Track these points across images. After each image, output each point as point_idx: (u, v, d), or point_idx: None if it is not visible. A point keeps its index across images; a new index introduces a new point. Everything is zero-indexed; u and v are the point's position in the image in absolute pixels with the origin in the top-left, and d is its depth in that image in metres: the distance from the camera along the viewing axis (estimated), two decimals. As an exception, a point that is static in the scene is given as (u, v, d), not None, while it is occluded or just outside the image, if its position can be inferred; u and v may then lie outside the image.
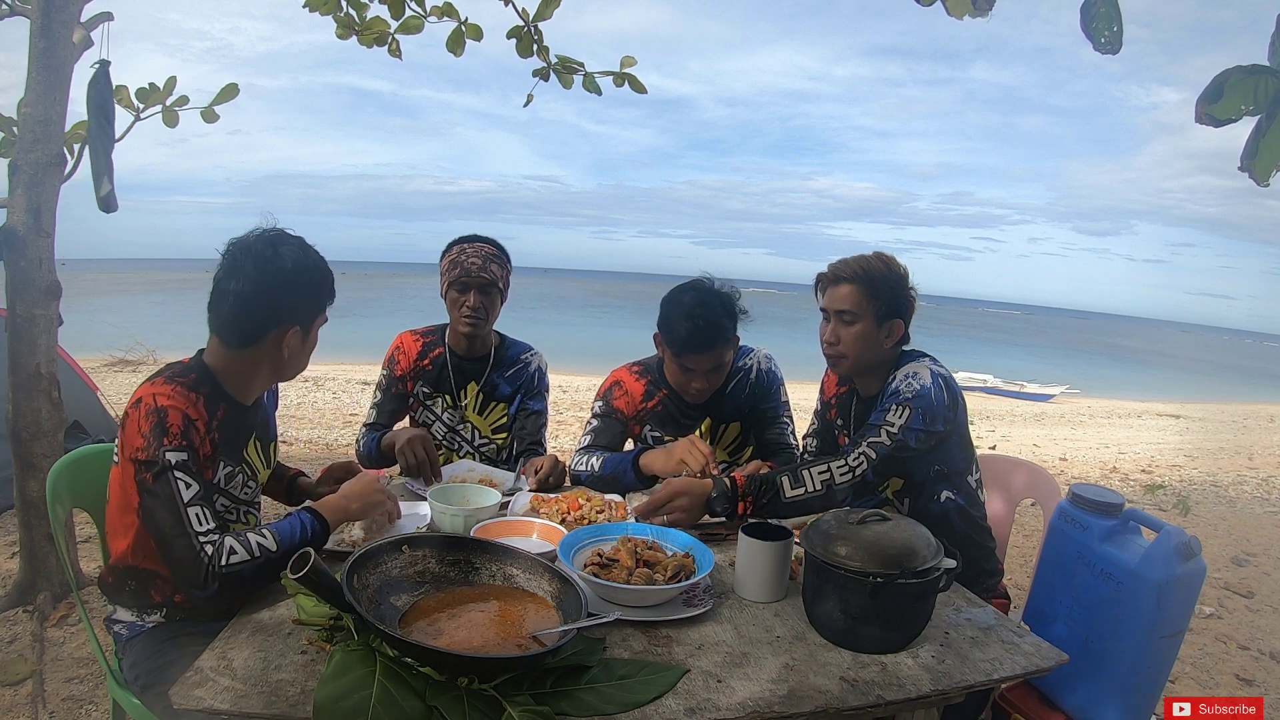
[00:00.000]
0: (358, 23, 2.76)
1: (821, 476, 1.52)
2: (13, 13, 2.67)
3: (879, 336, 1.67)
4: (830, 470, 1.52)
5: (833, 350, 1.71)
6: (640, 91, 2.86)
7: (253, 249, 1.35)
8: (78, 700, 2.10)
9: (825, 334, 1.72)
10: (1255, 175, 1.13)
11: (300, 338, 1.42)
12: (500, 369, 2.20)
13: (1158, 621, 1.40)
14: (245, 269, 1.34)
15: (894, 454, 1.54)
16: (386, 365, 2.20)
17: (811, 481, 1.52)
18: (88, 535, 3.06)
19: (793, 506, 1.53)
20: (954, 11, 1.48)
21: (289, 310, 1.38)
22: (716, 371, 1.86)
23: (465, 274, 2.04)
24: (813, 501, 1.52)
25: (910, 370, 1.61)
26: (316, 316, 1.45)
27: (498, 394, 2.19)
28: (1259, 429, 10.84)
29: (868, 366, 1.71)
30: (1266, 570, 3.76)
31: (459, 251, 2.08)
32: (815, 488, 1.52)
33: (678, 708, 0.98)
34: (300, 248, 1.40)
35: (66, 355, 3.52)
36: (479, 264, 2.05)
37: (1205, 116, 1.12)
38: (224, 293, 1.34)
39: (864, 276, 1.65)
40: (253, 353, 1.39)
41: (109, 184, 2.73)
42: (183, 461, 1.25)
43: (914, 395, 1.56)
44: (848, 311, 1.66)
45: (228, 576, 1.19)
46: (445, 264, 2.10)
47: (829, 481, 1.52)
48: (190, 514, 1.22)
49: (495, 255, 2.10)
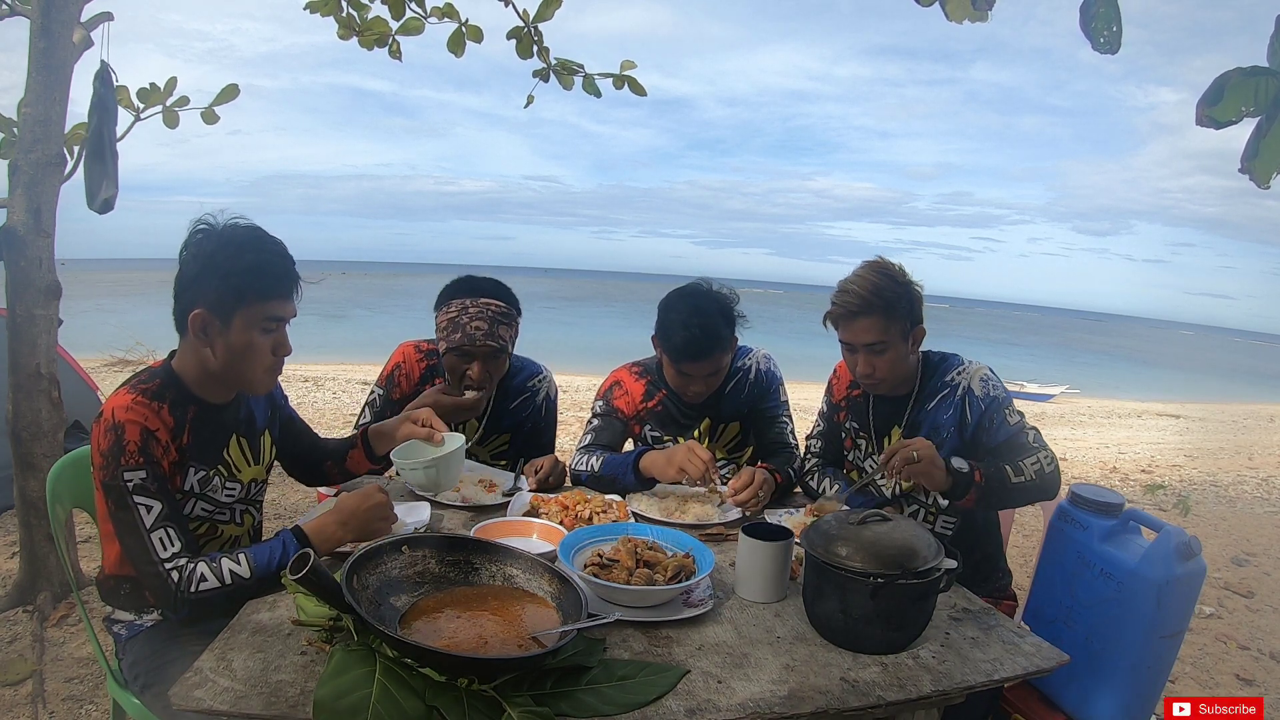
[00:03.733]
0: (358, 24, 2.77)
1: (1033, 469, 1.58)
2: (13, 13, 2.67)
3: (908, 350, 1.70)
4: (1040, 463, 1.59)
5: (870, 379, 1.72)
6: (640, 94, 2.86)
7: (191, 230, 1.31)
8: (78, 700, 2.10)
9: (858, 366, 1.71)
10: (1256, 177, 1.13)
11: (216, 326, 1.29)
12: (505, 401, 2.03)
13: (1158, 621, 1.40)
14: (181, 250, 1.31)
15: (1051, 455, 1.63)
16: (383, 384, 1.99)
17: (1029, 469, 1.57)
18: (88, 535, 3.06)
19: (1016, 491, 1.57)
20: (953, 15, 1.48)
21: (196, 290, 1.28)
22: (714, 376, 1.86)
23: (468, 341, 1.77)
24: (1028, 489, 1.57)
25: (971, 373, 1.71)
26: (233, 305, 1.28)
27: (500, 427, 2.06)
28: (1259, 429, 10.83)
29: (901, 379, 1.75)
30: (1266, 570, 3.76)
31: (459, 309, 1.79)
32: (1030, 475, 1.57)
33: (678, 708, 0.98)
34: (235, 231, 1.30)
35: (66, 355, 3.51)
36: (484, 329, 1.77)
37: (1206, 118, 1.12)
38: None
39: (881, 304, 1.62)
40: (190, 344, 1.32)
41: (113, 187, 2.72)
42: (141, 481, 1.22)
43: (1006, 394, 1.71)
44: (877, 343, 1.65)
45: (198, 603, 1.19)
46: (443, 320, 1.81)
47: (1040, 471, 1.58)
48: (154, 540, 1.21)
49: (502, 315, 1.82)
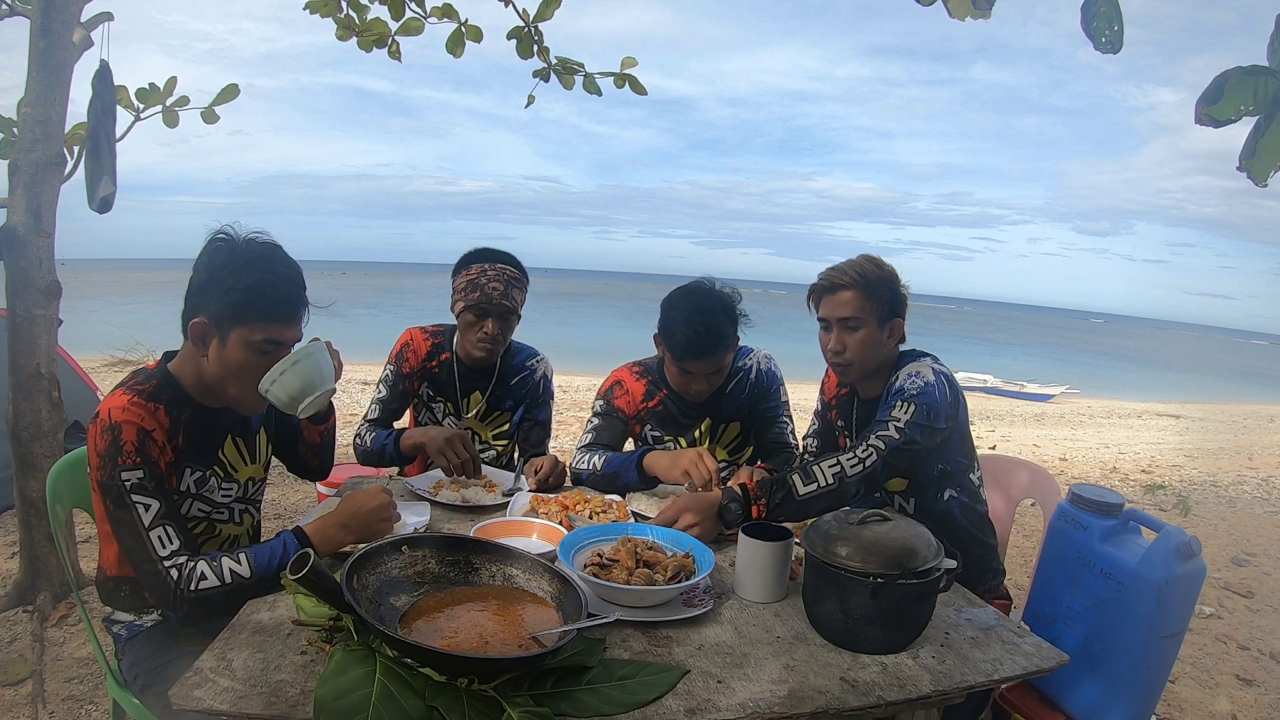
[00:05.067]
0: (358, 24, 2.77)
1: (832, 470, 1.49)
2: (13, 13, 2.67)
3: (883, 338, 1.67)
4: (840, 464, 1.49)
5: (839, 359, 1.70)
6: (640, 93, 2.87)
7: (210, 236, 1.34)
8: (78, 700, 2.10)
9: (829, 343, 1.70)
10: (1254, 175, 1.13)
11: (214, 339, 1.31)
12: (506, 378, 2.15)
13: (1158, 621, 1.40)
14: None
15: (902, 447, 1.51)
16: (394, 361, 2.11)
17: (823, 476, 1.49)
18: (88, 535, 3.06)
19: (807, 504, 1.49)
20: (955, 12, 1.48)
21: (200, 299, 1.31)
22: (716, 374, 1.87)
23: (486, 299, 1.92)
24: (826, 497, 1.48)
25: (912, 370, 1.60)
26: (232, 321, 1.30)
27: (502, 404, 2.17)
28: (1259, 429, 10.83)
29: (873, 370, 1.71)
30: (1266, 570, 3.76)
31: (479, 272, 1.95)
32: (828, 482, 1.48)
33: (678, 708, 0.98)
34: (249, 247, 1.33)
35: (66, 355, 3.52)
36: (500, 290, 1.93)
37: (1205, 117, 1.12)
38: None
39: (862, 281, 1.64)
40: (188, 347, 1.35)
41: (111, 185, 2.73)
42: (139, 480, 1.23)
43: (918, 392, 1.55)
44: (851, 318, 1.65)
45: (197, 602, 1.19)
46: (461, 282, 1.96)
47: (840, 474, 1.48)
48: (152, 537, 1.22)
49: (516, 279, 1.99)
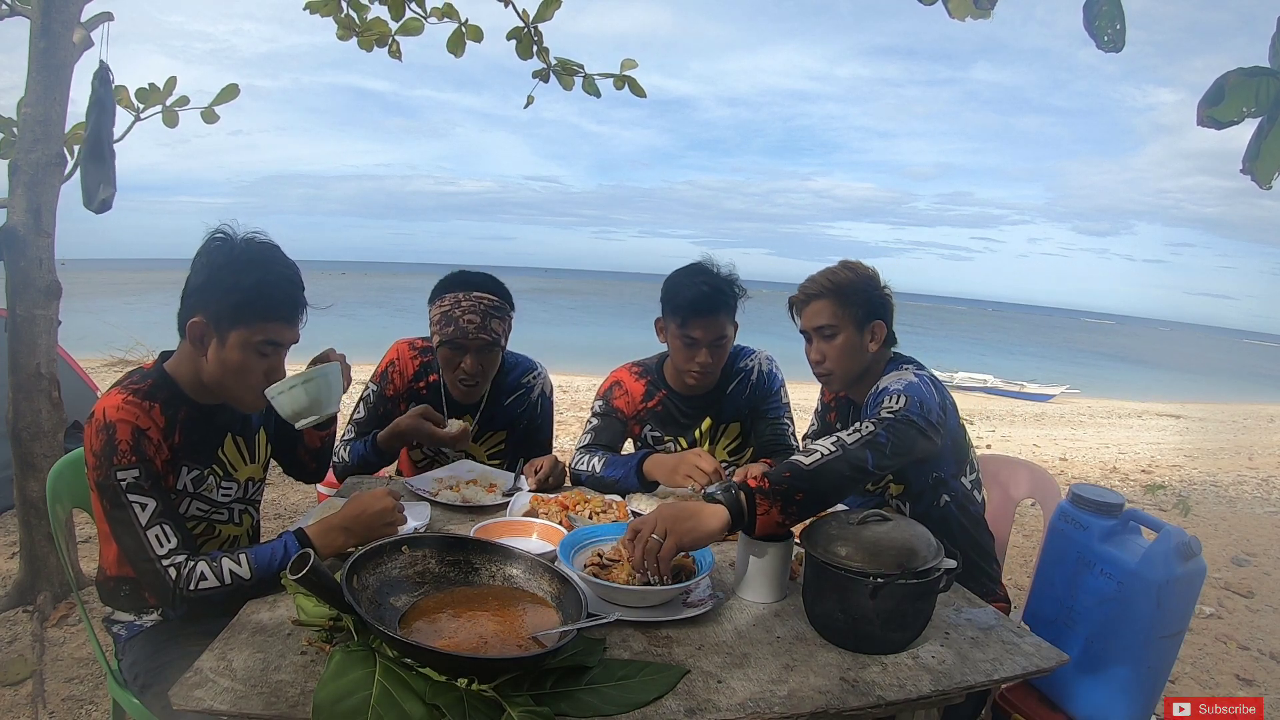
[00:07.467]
0: (358, 24, 2.77)
1: (830, 442, 1.33)
2: (13, 13, 2.67)
3: (863, 343, 1.67)
4: (838, 437, 1.34)
5: (821, 369, 1.71)
6: (640, 95, 2.87)
7: (208, 236, 1.33)
8: (78, 700, 2.10)
9: (810, 354, 1.71)
10: (1257, 178, 1.13)
11: (213, 339, 1.30)
12: (499, 398, 2.00)
13: (1158, 621, 1.40)
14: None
15: (897, 422, 1.38)
16: (378, 380, 1.97)
17: (822, 447, 1.32)
18: (88, 535, 3.06)
19: (818, 475, 1.28)
20: (955, 13, 1.49)
21: (198, 299, 1.30)
22: (719, 347, 1.85)
23: (461, 334, 1.76)
24: (834, 463, 1.29)
25: (893, 376, 1.59)
26: (231, 321, 1.29)
27: (495, 424, 2.03)
28: (1259, 429, 10.83)
29: (857, 376, 1.70)
30: (1266, 570, 3.76)
31: (453, 303, 1.78)
32: (829, 450, 1.30)
33: (678, 708, 0.98)
34: (248, 247, 1.32)
35: (66, 355, 3.52)
36: (476, 322, 1.76)
37: (1207, 119, 1.12)
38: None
39: (833, 288, 1.65)
40: (186, 347, 1.34)
41: (110, 187, 2.72)
42: (135, 480, 1.23)
43: (904, 386, 1.48)
44: (826, 326, 1.66)
45: (197, 601, 1.20)
46: (435, 314, 1.80)
47: (839, 443, 1.32)
48: (150, 536, 1.22)
49: (495, 307, 1.81)
